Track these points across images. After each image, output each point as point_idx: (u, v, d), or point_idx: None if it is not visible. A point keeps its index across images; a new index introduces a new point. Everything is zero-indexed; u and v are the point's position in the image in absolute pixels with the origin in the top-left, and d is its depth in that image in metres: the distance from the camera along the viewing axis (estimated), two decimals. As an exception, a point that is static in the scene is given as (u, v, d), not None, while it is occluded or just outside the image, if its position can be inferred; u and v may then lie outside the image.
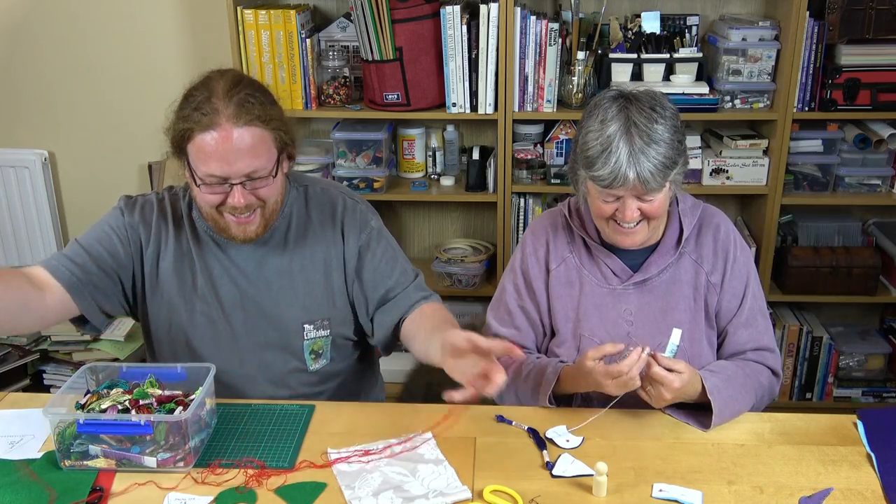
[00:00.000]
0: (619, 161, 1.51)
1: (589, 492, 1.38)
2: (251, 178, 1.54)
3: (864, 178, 2.77)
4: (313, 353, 1.73)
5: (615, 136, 1.52)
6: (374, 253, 1.72)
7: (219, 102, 1.50)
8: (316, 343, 1.72)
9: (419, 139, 2.92)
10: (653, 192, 1.55)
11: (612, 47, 2.70)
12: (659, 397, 1.51)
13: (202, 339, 1.70)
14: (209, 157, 1.50)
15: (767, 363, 1.69)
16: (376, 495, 1.36)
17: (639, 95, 1.58)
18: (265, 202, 1.59)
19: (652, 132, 1.52)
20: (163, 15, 3.00)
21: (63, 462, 1.44)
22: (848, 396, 3.01)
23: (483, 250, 3.00)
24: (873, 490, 1.38)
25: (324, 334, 1.72)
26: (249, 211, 1.58)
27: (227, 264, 1.69)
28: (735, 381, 1.59)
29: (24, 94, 3.15)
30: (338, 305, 1.73)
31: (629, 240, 1.63)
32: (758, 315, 1.71)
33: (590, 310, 1.70)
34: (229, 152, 1.50)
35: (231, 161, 1.50)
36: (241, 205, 1.54)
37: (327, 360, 1.75)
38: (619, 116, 1.55)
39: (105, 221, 1.71)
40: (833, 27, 2.55)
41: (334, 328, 1.73)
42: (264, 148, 1.54)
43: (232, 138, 1.49)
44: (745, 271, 1.70)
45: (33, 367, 2.95)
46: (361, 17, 2.57)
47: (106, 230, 1.68)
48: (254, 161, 1.52)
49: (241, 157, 1.50)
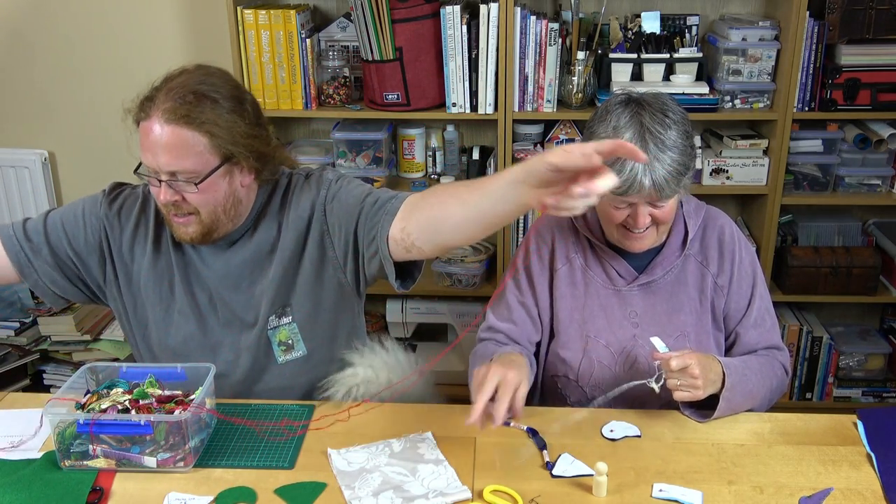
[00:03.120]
0: (635, 169, 1.50)
1: (589, 492, 1.38)
2: (175, 178, 1.53)
3: (864, 178, 2.77)
4: (281, 343, 1.70)
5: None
6: (338, 198, 1.64)
7: (161, 95, 1.51)
8: (281, 332, 1.69)
9: (419, 139, 2.92)
10: (666, 198, 1.55)
11: (612, 47, 2.70)
12: (691, 386, 1.47)
13: (177, 336, 1.70)
14: (142, 146, 1.54)
15: (777, 359, 1.70)
16: (376, 495, 1.36)
17: (649, 100, 1.57)
18: (197, 210, 1.56)
19: (665, 139, 1.52)
20: (163, 15, 3.00)
21: (63, 462, 1.44)
22: (848, 396, 3.01)
23: (483, 250, 3.00)
24: (873, 490, 1.38)
25: (286, 321, 1.69)
26: (180, 213, 1.56)
27: (200, 265, 1.68)
28: (749, 363, 1.60)
29: (24, 94, 3.15)
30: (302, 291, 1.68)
31: (638, 244, 1.63)
32: (766, 314, 1.72)
33: (595, 311, 1.70)
34: (154, 145, 1.51)
35: (155, 154, 1.51)
36: (162, 201, 1.54)
37: (303, 352, 1.71)
38: (632, 123, 1.54)
39: (82, 203, 1.72)
40: (833, 27, 2.55)
41: (296, 314, 1.68)
42: (191, 151, 1.50)
43: (155, 132, 1.50)
44: (751, 272, 1.71)
45: (33, 367, 2.95)
46: (361, 17, 2.57)
47: (77, 213, 1.70)
48: (176, 161, 1.50)
49: (162, 154, 1.50)
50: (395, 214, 1.49)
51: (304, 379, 1.73)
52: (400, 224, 1.47)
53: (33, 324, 2.94)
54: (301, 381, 1.73)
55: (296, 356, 1.71)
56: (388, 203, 1.53)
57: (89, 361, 1.63)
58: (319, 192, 1.66)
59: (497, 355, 1.58)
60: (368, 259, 1.60)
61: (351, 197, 1.62)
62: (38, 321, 2.93)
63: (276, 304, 1.68)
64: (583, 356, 1.69)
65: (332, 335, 1.74)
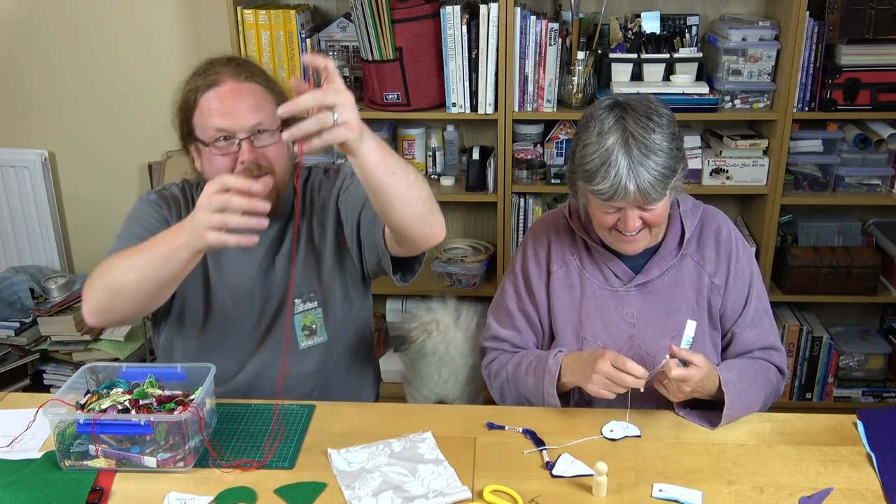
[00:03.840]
0: (619, 174, 1.50)
1: (589, 492, 1.38)
2: (256, 131, 1.57)
3: (864, 178, 2.78)
4: (305, 328, 1.73)
5: (613, 149, 1.51)
6: (349, 189, 1.71)
7: (220, 66, 1.61)
8: (307, 317, 1.73)
9: (419, 139, 2.92)
10: (654, 202, 1.54)
11: (612, 47, 2.70)
12: (678, 391, 1.51)
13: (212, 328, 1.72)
14: (213, 114, 1.57)
15: (774, 361, 1.70)
16: (376, 495, 1.36)
17: (634, 105, 1.56)
18: (274, 168, 1.61)
19: (650, 142, 1.51)
20: (163, 15, 3.00)
21: (63, 462, 1.44)
22: (848, 396, 3.01)
23: (483, 250, 3.00)
24: (873, 490, 1.38)
25: (311, 306, 1.73)
26: (260, 174, 1.58)
27: (235, 252, 1.70)
28: (746, 376, 1.60)
29: (24, 94, 3.15)
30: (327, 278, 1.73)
31: (631, 247, 1.63)
32: (763, 314, 1.71)
33: (592, 312, 1.69)
34: (233, 106, 1.57)
35: (235, 114, 1.56)
36: (250, 159, 1.57)
37: (324, 338, 1.75)
38: (616, 128, 1.53)
39: (147, 214, 1.72)
40: (833, 27, 2.55)
41: (323, 300, 1.73)
42: (266, 104, 1.60)
43: (235, 91, 1.57)
44: (748, 271, 1.70)
45: (33, 367, 2.95)
46: (361, 17, 2.58)
47: (152, 222, 1.69)
48: (257, 114, 1.58)
49: (244, 110, 1.57)
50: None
51: (319, 367, 1.76)
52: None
53: (33, 324, 2.94)
54: (317, 369, 1.76)
55: (318, 342, 1.75)
56: None
57: (89, 361, 1.63)
58: (335, 183, 1.75)
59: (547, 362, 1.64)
60: (368, 251, 1.66)
61: (359, 189, 1.65)
62: (38, 321, 2.93)
63: (302, 289, 1.72)
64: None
65: (347, 325, 1.80)
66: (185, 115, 1.62)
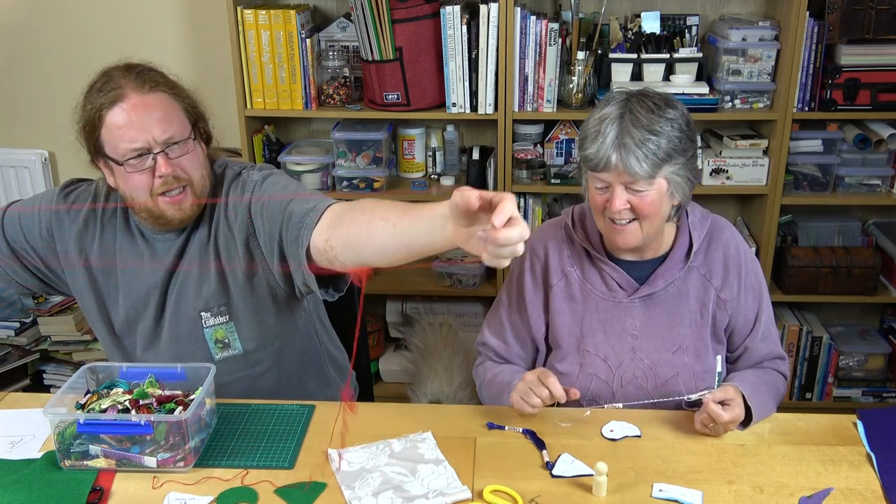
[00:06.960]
0: (605, 143, 1.53)
1: (589, 492, 1.38)
2: (170, 144, 1.54)
3: (864, 178, 2.77)
4: (218, 341, 1.69)
5: (607, 118, 1.55)
6: (263, 202, 1.60)
7: (120, 78, 1.55)
8: (217, 331, 1.69)
9: (419, 139, 2.92)
10: (640, 180, 1.53)
11: (612, 47, 2.70)
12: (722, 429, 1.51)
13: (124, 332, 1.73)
14: (122, 131, 1.53)
15: (781, 370, 1.71)
16: (376, 495, 1.36)
17: (650, 93, 1.59)
18: (191, 178, 1.58)
19: (646, 120, 1.53)
20: (163, 15, 3.00)
21: (63, 462, 1.44)
22: (848, 396, 3.01)
23: (483, 250, 2.99)
24: (873, 490, 1.38)
25: (222, 321, 1.68)
26: (179, 185, 1.57)
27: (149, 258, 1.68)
28: (759, 389, 1.60)
29: (24, 94, 3.15)
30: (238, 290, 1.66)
31: (621, 239, 1.60)
32: (771, 326, 1.71)
33: (594, 325, 1.68)
34: (142, 121, 1.52)
35: (146, 127, 1.52)
36: (168, 173, 1.53)
37: (239, 350, 1.70)
38: (618, 105, 1.57)
39: (41, 197, 1.76)
40: (833, 27, 2.55)
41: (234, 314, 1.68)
42: (175, 115, 1.56)
43: (141, 105, 1.52)
44: (758, 285, 1.69)
45: (33, 367, 2.95)
46: (361, 17, 2.58)
47: (34, 207, 1.73)
48: (168, 126, 1.54)
49: (154, 124, 1.52)
50: (313, 228, 1.43)
51: (242, 375, 1.72)
52: (324, 235, 1.41)
53: (33, 324, 2.94)
54: (239, 377, 1.72)
55: (232, 353, 1.71)
56: (308, 216, 1.46)
57: (89, 361, 1.63)
58: (244, 194, 1.64)
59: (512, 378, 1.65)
60: (294, 268, 1.54)
61: (274, 202, 1.58)
62: (38, 321, 2.93)
63: (211, 303, 1.67)
64: (580, 371, 1.68)
65: (277, 334, 1.72)
66: (90, 134, 1.57)
